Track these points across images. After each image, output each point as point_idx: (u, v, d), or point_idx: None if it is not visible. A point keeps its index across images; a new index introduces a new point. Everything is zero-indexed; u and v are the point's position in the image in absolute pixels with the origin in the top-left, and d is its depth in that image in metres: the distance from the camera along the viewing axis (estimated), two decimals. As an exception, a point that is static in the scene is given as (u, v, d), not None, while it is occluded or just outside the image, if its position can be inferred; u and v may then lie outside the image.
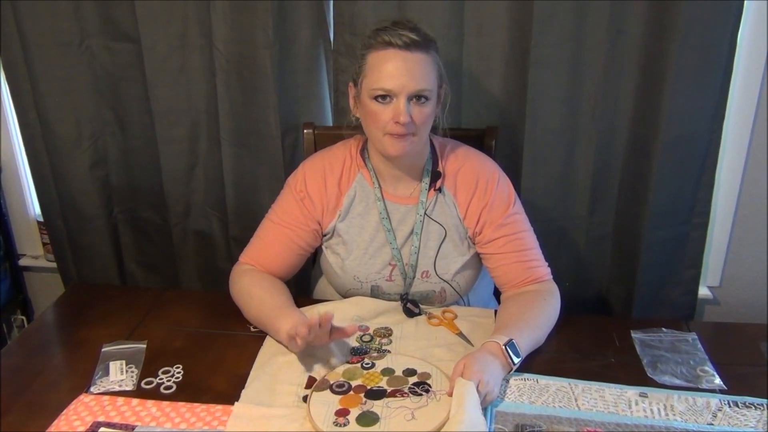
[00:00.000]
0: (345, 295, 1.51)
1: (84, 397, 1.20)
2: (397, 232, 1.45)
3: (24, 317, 2.42)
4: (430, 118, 1.36)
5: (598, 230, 1.94)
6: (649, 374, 1.26)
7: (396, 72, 1.29)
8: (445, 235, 1.44)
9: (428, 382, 1.22)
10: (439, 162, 1.46)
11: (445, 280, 1.46)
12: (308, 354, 1.29)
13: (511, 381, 1.23)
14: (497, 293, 1.54)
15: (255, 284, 1.43)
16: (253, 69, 1.83)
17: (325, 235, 1.49)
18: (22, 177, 2.25)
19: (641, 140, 1.79)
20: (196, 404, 1.18)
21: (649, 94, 1.73)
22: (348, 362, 1.28)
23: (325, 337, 1.26)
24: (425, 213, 1.44)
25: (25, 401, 1.21)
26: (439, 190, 1.45)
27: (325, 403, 1.17)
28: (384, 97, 1.31)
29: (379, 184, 1.46)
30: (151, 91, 1.92)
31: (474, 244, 1.47)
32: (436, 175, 1.45)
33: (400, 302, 1.47)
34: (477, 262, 1.50)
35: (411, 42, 1.29)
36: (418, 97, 1.31)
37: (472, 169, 1.46)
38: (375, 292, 1.48)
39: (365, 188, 1.46)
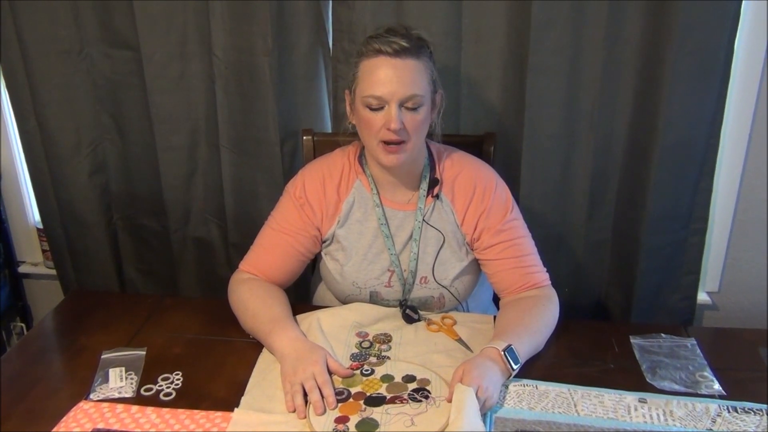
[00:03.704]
0: (344, 301, 1.51)
1: (83, 404, 1.20)
2: (395, 238, 1.46)
3: (23, 324, 2.42)
4: (424, 125, 1.37)
5: (596, 236, 1.94)
6: (648, 380, 1.26)
7: (386, 79, 1.30)
8: (444, 242, 1.45)
9: (427, 388, 1.22)
10: (437, 168, 1.46)
11: (443, 286, 1.46)
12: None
13: (511, 387, 1.23)
14: (496, 299, 1.54)
15: (251, 295, 1.43)
16: (252, 76, 1.84)
17: (324, 242, 1.50)
18: (22, 184, 2.26)
19: (639, 146, 1.79)
20: (195, 411, 1.18)
21: (647, 100, 1.73)
22: (347, 368, 1.28)
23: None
24: (423, 219, 1.44)
25: (25, 408, 1.20)
26: (437, 196, 1.45)
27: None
28: (376, 104, 1.32)
29: (377, 191, 1.46)
30: (150, 99, 1.93)
31: (472, 250, 1.47)
32: (433, 182, 1.45)
33: (399, 308, 1.47)
34: (475, 268, 1.50)
35: (401, 48, 1.30)
36: (410, 104, 1.32)
37: (469, 176, 1.46)
38: (374, 298, 1.48)
39: (363, 194, 1.47)
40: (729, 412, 1.17)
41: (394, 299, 1.48)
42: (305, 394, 1.19)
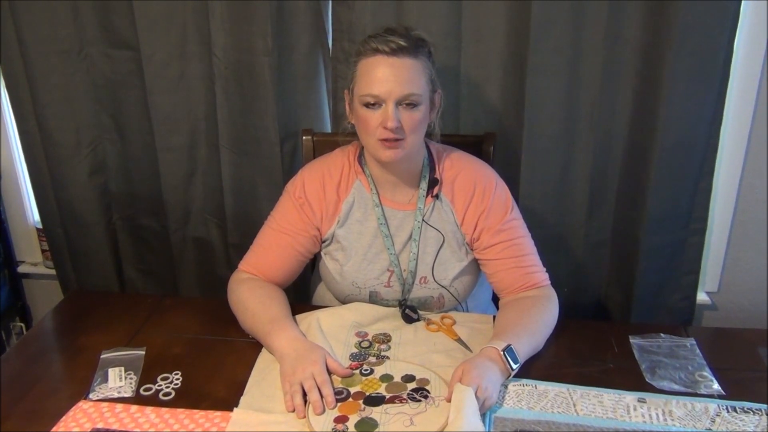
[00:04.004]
0: (344, 301, 1.51)
1: (83, 404, 1.20)
2: (395, 238, 1.46)
3: (23, 324, 2.42)
4: (422, 124, 1.37)
5: (596, 236, 1.94)
6: (647, 379, 1.27)
7: (383, 77, 1.30)
8: (443, 242, 1.45)
9: (427, 388, 1.22)
10: (436, 168, 1.46)
11: (443, 286, 1.46)
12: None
13: (510, 386, 1.23)
14: (496, 299, 1.54)
15: (250, 295, 1.43)
16: (252, 76, 1.84)
17: (324, 242, 1.50)
18: (22, 184, 2.26)
19: (639, 146, 1.79)
20: (194, 411, 1.18)
21: (647, 100, 1.73)
22: (346, 368, 1.28)
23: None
24: (423, 219, 1.44)
25: (24, 408, 1.20)
26: (437, 196, 1.45)
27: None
28: (373, 103, 1.32)
29: (377, 191, 1.46)
30: (150, 99, 1.93)
31: (472, 250, 1.47)
32: (433, 182, 1.45)
33: (398, 308, 1.47)
34: (475, 268, 1.50)
35: (398, 48, 1.31)
36: (407, 103, 1.32)
37: (469, 176, 1.46)
38: (373, 298, 1.48)
39: (363, 194, 1.47)
40: (728, 411, 1.17)
41: (393, 299, 1.48)
42: (305, 394, 1.19)
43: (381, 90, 1.31)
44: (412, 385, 1.23)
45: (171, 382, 1.27)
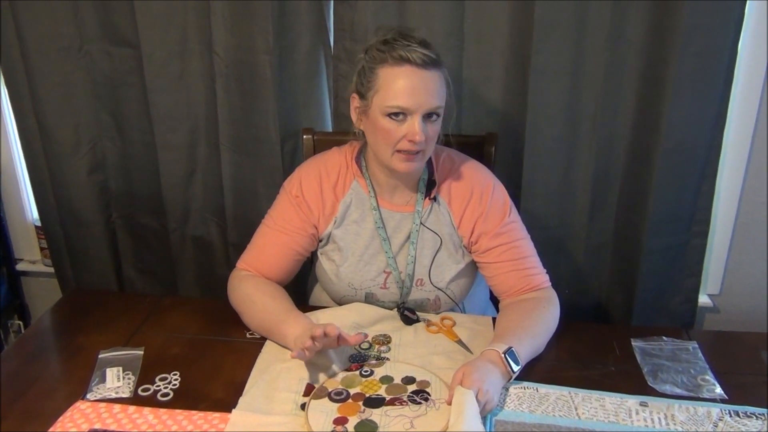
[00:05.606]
0: (339, 302, 1.50)
1: (80, 404, 1.20)
2: (392, 240, 1.45)
3: (21, 322, 2.42)
4: (438, 133, 1.36)
5: (597, 238, 1.94)
6: (649, 383, 1.26)
7: (413, 90, 1.28)
8: (440, 244, 1.44)
9: (427, 390, 1.21)
10: (435, 171, 1.45)
11: (439, 289, 1.45)
12: (306, 361, 1.29)
13: (511, 389, 1.23)
14: (494, 299, 1.54)
15: (257, 290, 1.42)
16: (252, 75, 1.83)
17: (320, 241, 1.49)
18: (21, 182, 2.25)
19: (641, 148, 1.79)
20: (193, 412, 1.18)
21: (650, 102, 1.73)
22: (346, 370, 1.28)
23: (333, 343, 1.26)
24: (420, 222, 1.43)
25: (22, 408, 1.20)
26: (434, 198, 1.44)
27: (324, 411, 1.16)
28: (397, 114, 1.30)
29: (375, 193, 1.45)
30: (150, 97, 1.92)
31: (470, 252, 1.46)
32: (431, 184, 1.44)
33: (396, 310, 1.46)
34: (472, 270, 1.49)
35: (429, 60, 1.28)
36: (430, 114, 1.31)
37: (466, 179, 1.45)
38: (369, 300, 1.47)
39: (361, 196, 1.46)
40: (731, 416, 1.17)
41: (389, 301, 1.47)
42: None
43: (411, 103, 1.28)
44: (412, 387, 1.22)
45: (169, 383, 1.26)
